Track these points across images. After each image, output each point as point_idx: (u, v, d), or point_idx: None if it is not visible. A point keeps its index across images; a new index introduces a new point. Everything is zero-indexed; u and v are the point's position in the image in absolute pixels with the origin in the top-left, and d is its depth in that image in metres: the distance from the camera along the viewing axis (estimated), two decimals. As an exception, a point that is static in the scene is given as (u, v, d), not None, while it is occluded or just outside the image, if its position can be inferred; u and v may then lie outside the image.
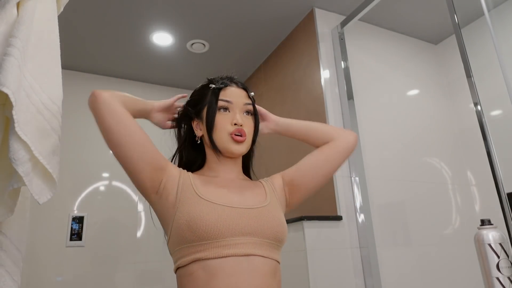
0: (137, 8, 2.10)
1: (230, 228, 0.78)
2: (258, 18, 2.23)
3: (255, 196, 0.90)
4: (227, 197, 0.85)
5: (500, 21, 2.02)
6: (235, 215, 0.80)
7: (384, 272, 1.73)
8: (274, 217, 0.85)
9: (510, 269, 0.91)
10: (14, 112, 0.65)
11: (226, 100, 0.91)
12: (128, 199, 2.60)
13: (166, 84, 3.00)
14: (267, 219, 0.83)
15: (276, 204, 0.92)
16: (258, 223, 0.81)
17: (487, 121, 1.29)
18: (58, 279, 2.27)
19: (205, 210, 0.79)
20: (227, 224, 0.78)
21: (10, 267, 0.76)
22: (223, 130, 0.89)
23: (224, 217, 0.79)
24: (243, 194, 0.89)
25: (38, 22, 0.77)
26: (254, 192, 0.92)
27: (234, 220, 0.79)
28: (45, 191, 0.73)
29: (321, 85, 2.01)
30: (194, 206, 0.80)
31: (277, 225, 0.84)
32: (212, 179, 0.91)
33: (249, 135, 0.92)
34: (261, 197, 0.90)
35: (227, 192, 0.87)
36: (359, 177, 1.84)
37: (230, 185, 0.91)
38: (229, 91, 0.93)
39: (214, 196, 0.83)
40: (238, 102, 0.92)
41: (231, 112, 0.91)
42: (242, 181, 0.95)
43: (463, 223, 2.12)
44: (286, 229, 0.88)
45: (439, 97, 2.41)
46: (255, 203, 0.86)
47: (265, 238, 0.81)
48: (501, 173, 1.23)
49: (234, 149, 0.89)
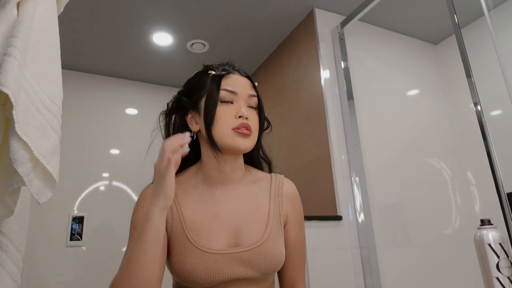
0: (137, 8, 2.10)
1: (222, 278, 0.72)
2: (258, 18, 2.23)
3: (254, 225, 0.78)
4: (219, 234, 0.76)
5: (500, 21, 2.02)
6: (228, 263, 0.73)
7: (384, 272, 1.73)
8: (271, 255, 0.76)
9: (510, 269, 0.91)
10: (14, 112, 0.65)
11: (230, 90, 0.79)
12: (128, 199, 2.59)
13: (166, 84, 3.00)
14: (263, 260, 0.75)
15: (277, 229, 0.80)
16: (253, 268, 0.74)
17: (487, 121, 1.29)
18: (58, 279, 2.27)
19: (195, 263, 0.72)
20: (219, 275, 0.72)
21: (10, 267, 0.76)
22: (225, 125, 0.76)
23: (216, 268, 0.72)
24: (239, 226, 0.77)
25: (38, 22, 0.77)
26: (255, 216, 0.79)
27: (227, 270, 0.72)
28: (45, 191, 0.73)
29: (321, 85, 2.01)
30: (185, 256, 0.73)
31: (273, 263, 0.76)
32: (205, 200, 0.80)
33: (255, 131, 0.80)
34: (261, 224, 0.79)
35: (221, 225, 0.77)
36: (359, 177, 1.84)
37: (227, 208, 0.79)
38: (232, 80, 0.81)
39: (204, 235, 0.75)
40: (242, 92, 0.80)
41: (235, 103, 0.79)
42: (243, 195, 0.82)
43: (463, 223, 2.12)
44: (283, 258, 0.79)
45: (439, 97, 2.41)
46: (251, 239, 0.76)
47: (262, 275, 0.76)
48: (501, 173, 1.23)
49: (240, 144, 0.76)
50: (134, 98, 2.89)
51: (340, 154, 1.90)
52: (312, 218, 1.70)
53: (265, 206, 0.81)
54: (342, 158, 1.90)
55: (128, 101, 2.87)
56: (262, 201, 0.82)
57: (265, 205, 0.82)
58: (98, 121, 2.68)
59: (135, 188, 2.60)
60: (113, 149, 2.67)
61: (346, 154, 1.91)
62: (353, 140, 1.90)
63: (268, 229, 0.78)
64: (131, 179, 2.60)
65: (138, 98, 2.90)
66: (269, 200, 0.82)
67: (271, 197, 0.83)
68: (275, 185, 0.85)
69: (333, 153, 1.88)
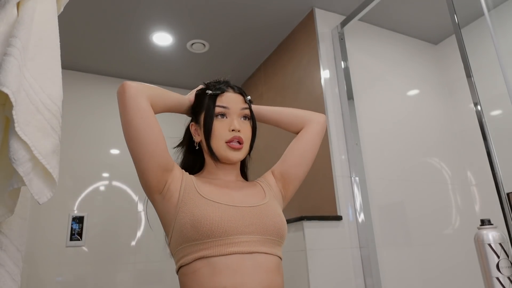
0: (137, 8, 2.10)
1: (234, 226, 0.79)
2: (258, 18, 2.23)
3: (255, 195, 0.91)
4: (229, 196, 0.87)
5: (500, 21, 2.02)
6: (238, 213, 0.82)
7: (384, 272, 1.73)
8: (275, 213, 0.87)
9: (510, 269, 0.91)
10: (14, 112, 0.65)
11: (223, 106, 0.92)
12: (128, 199, 2.59)
13: (166, 84, 3.00)
14: (268, 216, 0.85)
15: (275, 201, 0.94)
16: (261, 221, 0.83)
17: (487, 121, 1.29)
18: (58, 279, 2.27)
19: (209, 209, 0.80)
20: (230, 223, 0.79)
21: (10, 267, 0.76)
22: (220, 138, 0.90)
23: (228, 216, 0.80)
24: (244, 193, 0.91)
25: (38, 22, 0.77)
26: (253, 191, 0.94)
27: (238, 219, 0.81)
28: (45, 191, 0.72)
29: (321, 85, 2.01)
30: (198, 206, 0.81)
31: (278, 222, 0.86)
32: (212, 181, 0.93)
33: (247, 141, 0.94)
34: (260, 195, 0.92)
35: (229, 192, 0.89)
36: (359, 177, 1.84)
37: (230, 185, 0.93)
38: (225, 97, 0.94)
39: (216, 196, 0.85)
40: (235, 107, 0.93)
41: (228, 118, 0.92)
42: (241, 182, 0.98)
43: (463, 223, 2.12)
44: (286, 225, 0.90)
45: (439, 97, 2.41)
46: (255, 201, 0.88)
47: (267, 235, 0.83)
48: (501, 173, 1.23)
49: (231, 156, 0.90)
50: (134, 98, 2.88)
51: (340, 154, 1.90)
52: (312, 218, 1.70)
53: (259, 186, 0.98)
54: (342, 158, 1.90)
55: (128, 101, 2.86)
56: (256, 186, 0.98)
57: (258, 186, 0.98)
58: (98, 121, 2.68)
59: (135, 188, 2.61)
60: (113, 149, 2.67)
61: (346, 154, 1.92)
62: (353, 140, 1.89)
63: (266, 197, 0.92)
64: (131, 179, 2.59)
65: (138, 98, 2.90)
66: (260, 186, 0.98)
67: (261, 184, 0.99)
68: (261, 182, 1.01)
69: (333, 153, 1.88)
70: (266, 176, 1.02)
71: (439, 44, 2.55)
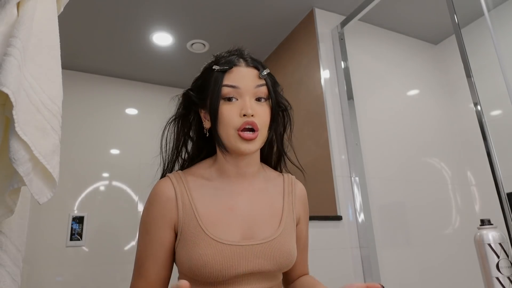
0: (137, 8, 2.10)
1: (236, 271, 0.70)
2: (258, 18, 2.23)
3: (268, 220, 0.77)
4: (234, 226, 0.74)
5: (500, 21, 2.02)
6: (242, 256, 0.71)
7: (384, 272, 1.73)
8: (285, 249, 0.75)
9: (510, 269, 0.91)
10: (14, 112, 0.65)
11: (231, 85, 0.74)
12: (128, 199, 2.59)
13: (166, 84, 3.00)
14: (279, 253, 0.73)
15: (290, 226, 0.79)
16: (266, 262, 0.72)
17: (487, 121, 1.29)
18: (58, 279, 2.27)
19: (208, 253, 0.69)
20: (233, 268, 0.69)
21: (10, 267, 0.76)
22: (229, 125, 0.73)
23: (230, 260, 0.69)
24: (256, 213, 0.77)
25: (38, 22, 0.77)
26: (269, 211, 0.79)
27: (241, 263, 0.70)
28: (45, 191, 0.72)
29: (321, 85, 2.01)
30: (197, 246, 0.70)
31: (286, 259, 0.74)
32: (220, 193, 0.77)
33: (263, 128, 0.76)
34: (276, 219, 0.78)
35: (236, 218, 0.75)
36: (359, 177, 1.84)
37: (240, 198, 0.78)
38: (235, 73, 0.76)
39: (220, 227, 0.72)
40: (247, 85, 0.75)
41: (240, 100, 0.75)
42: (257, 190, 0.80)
43: (463, 223, 2.12)
44: (295, 256, 0.78)
45: (439, 97, 2.41)
46: (268, 231, 0.75)
47: (271, 272, 0.74)
48: (501, 173, 1.23)
49: (243, 148, 0.73)
50: (134, 98, 2.89)
51: (340, 154, 1.90)
52: (312, 218, 1.70)
53: (279, 203, 0.81)
54: (342, 158, 1.90)
55: (128, 101, 2.87)
56: (276, 198, 0.82)
57: (279, 202, 0.81)
58: (98, 121, 2.68)
59: (135, 188, 2.60)
60: (113, 149, 2.67)
61: (346, 154, 1.91)
62: (353, 140, 1.90)
63: (282, 225, 0.77)
64: (131, 179, 2.60)
65: (138, 98, 2.90)
66: (282, 198, 0.82)
67: (285, 195, 0.83)
68: (287, 185, 0.85)
69: (333, 153, 1.88)
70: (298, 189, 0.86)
71: (439, 44, 2.55)
